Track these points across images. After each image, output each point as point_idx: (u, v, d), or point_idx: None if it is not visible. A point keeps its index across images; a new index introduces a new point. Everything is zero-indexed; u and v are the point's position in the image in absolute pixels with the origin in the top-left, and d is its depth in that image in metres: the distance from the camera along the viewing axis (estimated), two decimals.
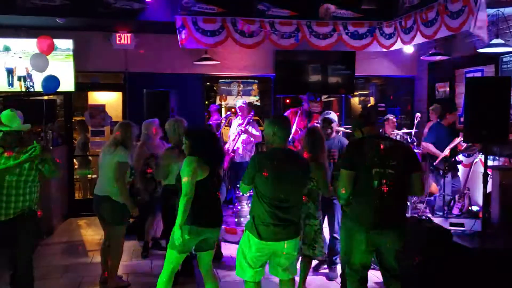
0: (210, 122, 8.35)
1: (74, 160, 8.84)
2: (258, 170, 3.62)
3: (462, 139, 6.25)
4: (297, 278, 4.15)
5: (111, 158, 4.70)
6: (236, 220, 6.73)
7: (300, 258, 4.59)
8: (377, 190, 3.57)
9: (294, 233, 3.70)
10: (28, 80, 7.70)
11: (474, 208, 6.75)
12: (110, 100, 8.78)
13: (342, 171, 3.70)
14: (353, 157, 3.71)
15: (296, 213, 3.74)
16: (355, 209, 3.70)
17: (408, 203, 5.89)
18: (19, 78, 7.82)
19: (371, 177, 3.57)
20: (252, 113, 7.19)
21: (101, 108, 8.46)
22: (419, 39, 6.94)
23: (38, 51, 7.34)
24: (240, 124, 7.21)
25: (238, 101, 7.41)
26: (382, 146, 3.63)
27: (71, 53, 7.88)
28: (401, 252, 3.67)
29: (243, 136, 7.17)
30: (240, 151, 7.24)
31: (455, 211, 6.63)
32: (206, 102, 9.21)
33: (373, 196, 3.58)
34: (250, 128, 7.10)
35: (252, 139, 7.20)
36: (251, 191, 3.82)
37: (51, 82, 7.23)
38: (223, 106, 9.16)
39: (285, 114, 6.94)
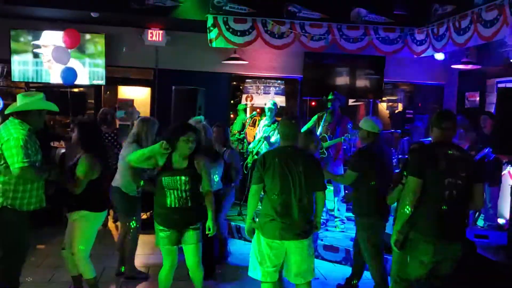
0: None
1: None
2: (263, 168, 3.66)
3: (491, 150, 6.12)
4: None
5: (125, 153, 4.79)
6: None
7: None
8: (448, 201, 3.39)
9: (298, 235, 3.62)
10: None
11: (500, 221, 6.62)
12: (138, 96, 8.91)
13: (409, 179, 3.45)
14: (423, 164, 3.44)
15: (303, 213, 3.65)
16: (421, 220, 3.45)
17: None
18: None
19: (443, 187, 3.38)
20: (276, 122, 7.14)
21: (129, 103, 8.59)
22: (450, 47, 6.85)
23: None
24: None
25: (268, 102, 7.37)
26: (453, 155, 3.41)
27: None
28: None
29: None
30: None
31: (480, 222, 6.51)
32: (232, 102, 9.27)
33: (443, 207, 3.39)
34: (272, 134, 7.03)
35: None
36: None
37: (69, 74, 7.41)
38: (248, 106, 9.19)
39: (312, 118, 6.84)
